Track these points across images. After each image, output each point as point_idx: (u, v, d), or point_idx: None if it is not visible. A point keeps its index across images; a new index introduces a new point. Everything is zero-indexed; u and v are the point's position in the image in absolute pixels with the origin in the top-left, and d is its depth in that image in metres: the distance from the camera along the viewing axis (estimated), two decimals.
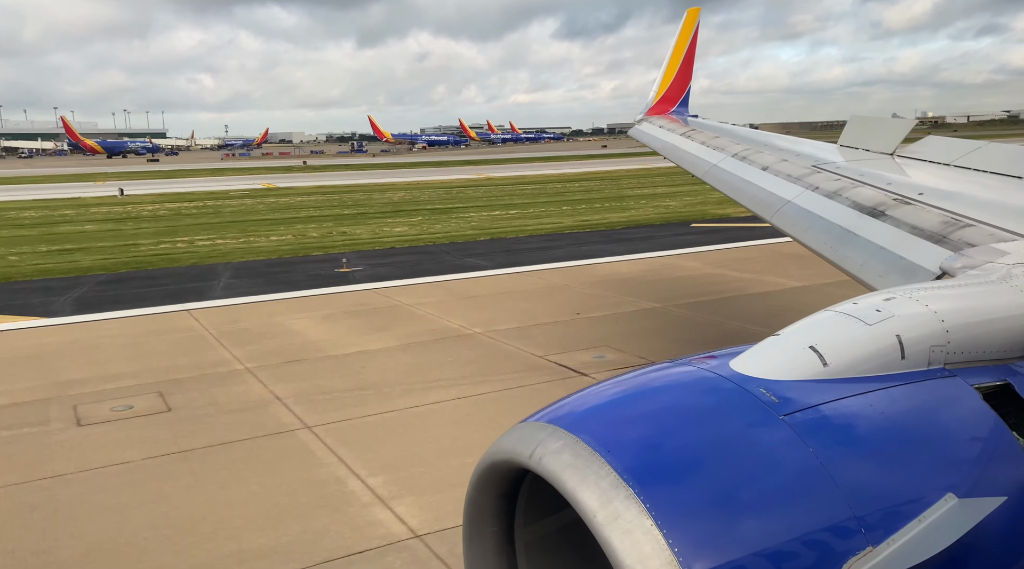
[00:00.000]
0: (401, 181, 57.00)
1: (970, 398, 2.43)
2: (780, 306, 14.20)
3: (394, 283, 17.55)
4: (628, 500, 1.86)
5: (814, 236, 5.61)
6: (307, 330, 13.48)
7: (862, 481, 2.03)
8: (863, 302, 2.68)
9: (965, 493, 2.11)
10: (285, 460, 7.95)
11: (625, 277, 17.48)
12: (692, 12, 14.31)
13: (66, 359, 12.13)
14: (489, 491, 2.36)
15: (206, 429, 8.92)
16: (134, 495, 7.25)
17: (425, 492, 7.08)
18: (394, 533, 6.41)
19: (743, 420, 2.11)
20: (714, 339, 12.17)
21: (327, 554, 6.14)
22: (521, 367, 10.80)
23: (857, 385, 2.31)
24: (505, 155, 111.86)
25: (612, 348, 11.59)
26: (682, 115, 13.35)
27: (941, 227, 4.38)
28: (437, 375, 10.59)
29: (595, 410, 2.24)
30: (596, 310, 14.15)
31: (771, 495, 1.94)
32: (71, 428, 9.12)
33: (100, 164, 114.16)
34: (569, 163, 79.05)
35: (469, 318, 13.83)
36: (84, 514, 6.96)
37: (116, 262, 22.36)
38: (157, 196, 47.61)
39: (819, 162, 6.79)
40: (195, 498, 7.17)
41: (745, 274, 17.23)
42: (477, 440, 8.05)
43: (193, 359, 11.82)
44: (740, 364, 2.34)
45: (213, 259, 22.39)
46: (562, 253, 21.55)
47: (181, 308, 15.62)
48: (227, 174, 75.61)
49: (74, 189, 55.93)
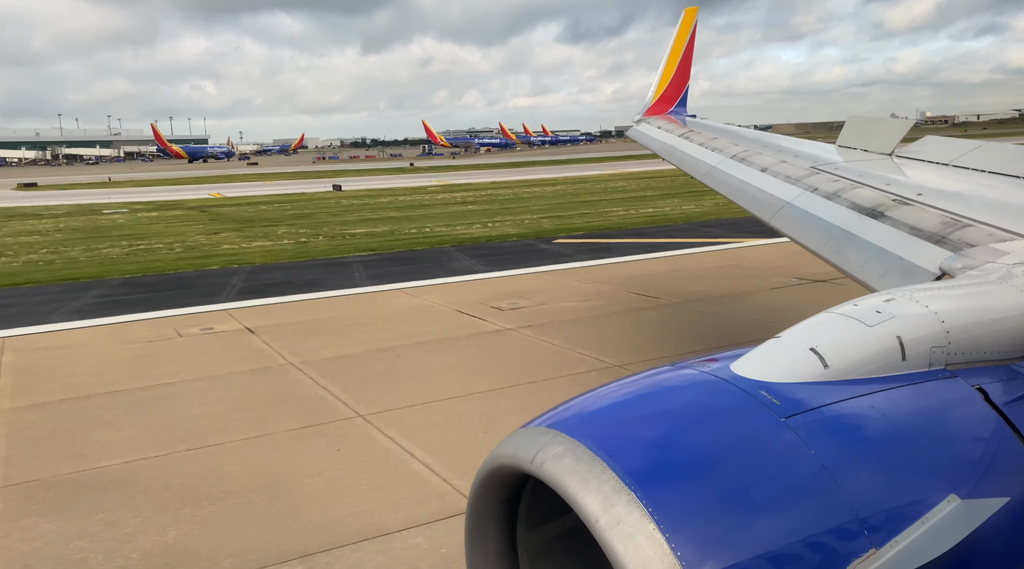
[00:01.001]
0: (513, 180, 60.02)
1: (971, 399, 2.43)
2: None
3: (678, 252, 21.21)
4: (630, 504, 1.86)
5: (814, 237, 5.61)
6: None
7: (865, 483, 2.03)
8: (863, 303, 2.68)
9: (967, 494, 2.10)
10: None
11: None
12: (690, 12, 14.31)
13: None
14: (491, 497, 2.36)
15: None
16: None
17: None
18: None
19: (745, 423, 2.11)
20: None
21: None
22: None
23: (858, 387, 2.31)
24: (562, 156, 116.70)
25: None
26: (680, 115, 13.35)
27: (940, 227, 4.38)
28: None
29: (596, 414, 2.24)
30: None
31: (774, 498, 1.94)
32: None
33: (210, 168, 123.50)
34: (625, 163, 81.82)
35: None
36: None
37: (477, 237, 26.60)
38: (372, 191, 53.38)
39: (818, 163, 6.79)
40: None
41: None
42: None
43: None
44: (741, 367, 2.34)
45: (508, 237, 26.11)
46: (719, 232, 24.49)
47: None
48: (364, 174, 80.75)
49: (276, 188, 61.76)
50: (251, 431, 8.77)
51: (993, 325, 2.73)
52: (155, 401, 10.01)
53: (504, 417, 8.78)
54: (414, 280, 18.05)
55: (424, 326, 13.44)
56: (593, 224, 28.80)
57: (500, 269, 19.30)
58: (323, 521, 6.56)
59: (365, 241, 26.29)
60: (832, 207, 5.69)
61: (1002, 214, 4.28)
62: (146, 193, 60.35)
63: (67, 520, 6.83)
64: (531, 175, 65.85)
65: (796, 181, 6.61)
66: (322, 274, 19.94)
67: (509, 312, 14.26)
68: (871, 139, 6.97)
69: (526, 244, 24.07)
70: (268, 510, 6.83)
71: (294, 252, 24.32)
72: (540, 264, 19.79)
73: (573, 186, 50.69)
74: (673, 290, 15.75)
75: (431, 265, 20.53)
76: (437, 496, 6.96)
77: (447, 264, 20.65)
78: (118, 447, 8.49)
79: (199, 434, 8.75)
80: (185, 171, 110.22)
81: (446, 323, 13.60)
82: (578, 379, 10.03)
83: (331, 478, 7.45)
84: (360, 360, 11.55)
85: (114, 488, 7.41)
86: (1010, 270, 3.17)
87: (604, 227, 27.66)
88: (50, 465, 8.06)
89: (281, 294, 17.14)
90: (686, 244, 22.51)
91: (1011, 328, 2.75)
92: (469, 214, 34.43)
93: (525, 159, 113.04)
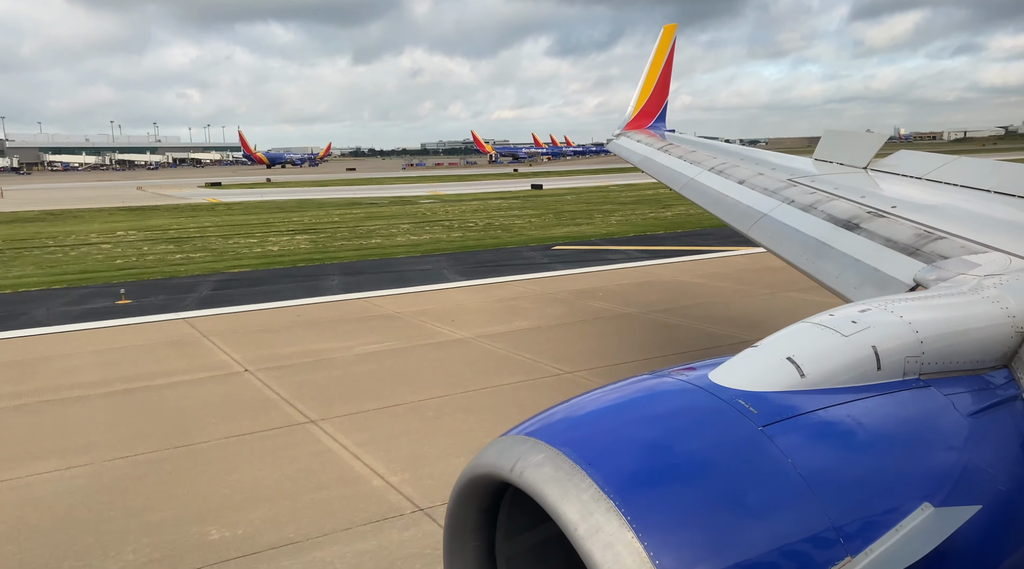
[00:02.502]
0: (610, 184, 65.61)
1: (945, 408, 2.47)
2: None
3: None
4: (609, 513, 1.86)
5: (790, 249, 5.67)
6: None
7: (840, 491, 2.05)
8: (839, 313, 2.71)
9: (941, 502, 2.13)
10: None
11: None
12: (668, 28, 14.48)
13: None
14: (470, 505, 2.35)
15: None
16: None
17: None
18: None
19: (722, 431, 2.12)
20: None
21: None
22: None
23: (834, 396, 2.34)
24: (604, 166, 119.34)
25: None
26: (659, 130, 13.47)
27: (914, 240, 4.44)
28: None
29: (576, 422, 2.24)
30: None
31: (751, 506, 1.95)
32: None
33: (303, 172, 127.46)
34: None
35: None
36: None
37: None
38: (571, 189, 60.62)
39: (795, 175, 6.87)
40: None
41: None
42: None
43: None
44: (719, 375, 2.35)
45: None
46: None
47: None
48: (485, 179, 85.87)
49: (477, 187, 68.43)
50: None
51: (965, 335, 2.78)
52: None
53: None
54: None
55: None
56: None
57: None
58: None
59: (682, 219, 34.32)
60: (808, 219, 5.76)
61: (974, 227, 4.35)
62: (373, 190, 67.77)
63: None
64: (611, 181, 71.35)
65: (773, 193, 6.68)
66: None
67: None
68: (847, 153, 7.07)
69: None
70: None
71: (670, 223, 33.05)
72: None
73: (652, 190, 53.88)
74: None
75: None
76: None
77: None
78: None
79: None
80: (314, 174, 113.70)
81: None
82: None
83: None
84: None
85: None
86: (981, 281, 3.22)
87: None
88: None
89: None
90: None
91: (983, 338, 2.80)
92: (676, 201, 38.66)
93: (586, 167, 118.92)
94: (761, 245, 6.28)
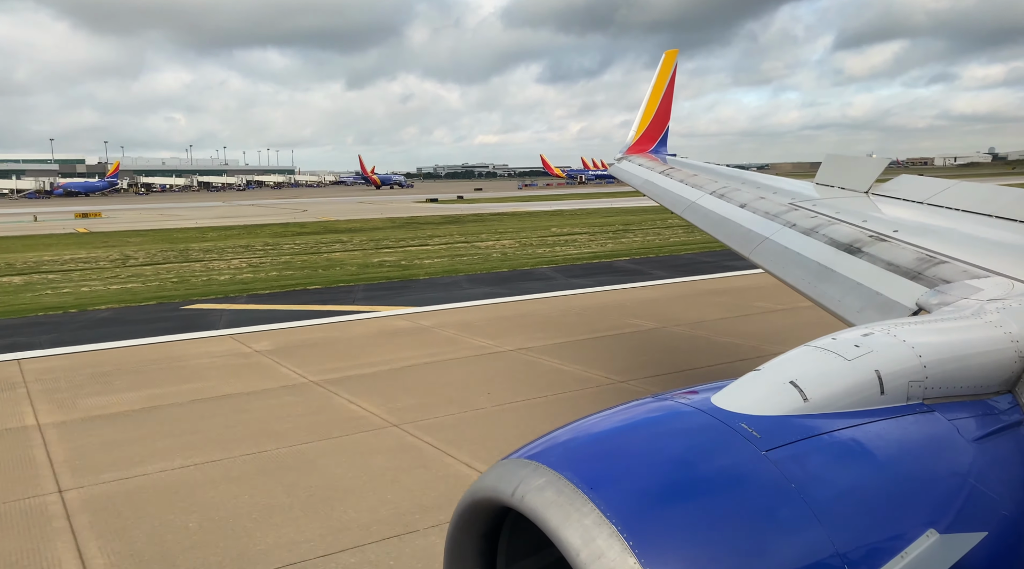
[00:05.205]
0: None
1: (948, 433, 2.45)
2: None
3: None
4: (611, 538, 1.84)
5: (792, 272, 5.66)
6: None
7: (844, 517, 2.02)
8: (842, 337, 2.70)
9: (946, 529, 2.11)
10: None
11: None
12: (670, 54, 14.59)
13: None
14: (470, 530, 2.32)
15: None
16: None
17: None
18: None
19: (725, 456, 2.10)
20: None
21: None
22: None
23: (838, 420, 2.32)
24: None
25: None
26: (661, 154, 13.53)
27: (916, 264, 4.44)
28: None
29: (577, 446, 2.22)
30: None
31: (754, 532, 1.93)
32: None
33: (418, 192, 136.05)
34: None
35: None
36: None
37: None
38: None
39: (796, 199, 6.89)
40: None
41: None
42: None
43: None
44: (721, 399, 2.34)
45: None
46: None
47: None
48: (614, 197, 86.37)
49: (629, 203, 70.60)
50: None
51: (969, 360, 2.76)
52: None
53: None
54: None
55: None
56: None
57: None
58: None
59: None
60: (810, 243, 5.76)
61: (975, 251, 4.35)
62: (544, 205, 73.90)
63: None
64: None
65: (775, 217, 6.69)
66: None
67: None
68: (848, 177, 7.09)
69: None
70: None
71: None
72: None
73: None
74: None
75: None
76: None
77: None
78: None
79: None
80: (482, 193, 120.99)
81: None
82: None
83: None
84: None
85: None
86: (984, 306, 3.22)
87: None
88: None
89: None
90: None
91: (986, 363, 2.78)
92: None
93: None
94: (764, 269, 6.28)
